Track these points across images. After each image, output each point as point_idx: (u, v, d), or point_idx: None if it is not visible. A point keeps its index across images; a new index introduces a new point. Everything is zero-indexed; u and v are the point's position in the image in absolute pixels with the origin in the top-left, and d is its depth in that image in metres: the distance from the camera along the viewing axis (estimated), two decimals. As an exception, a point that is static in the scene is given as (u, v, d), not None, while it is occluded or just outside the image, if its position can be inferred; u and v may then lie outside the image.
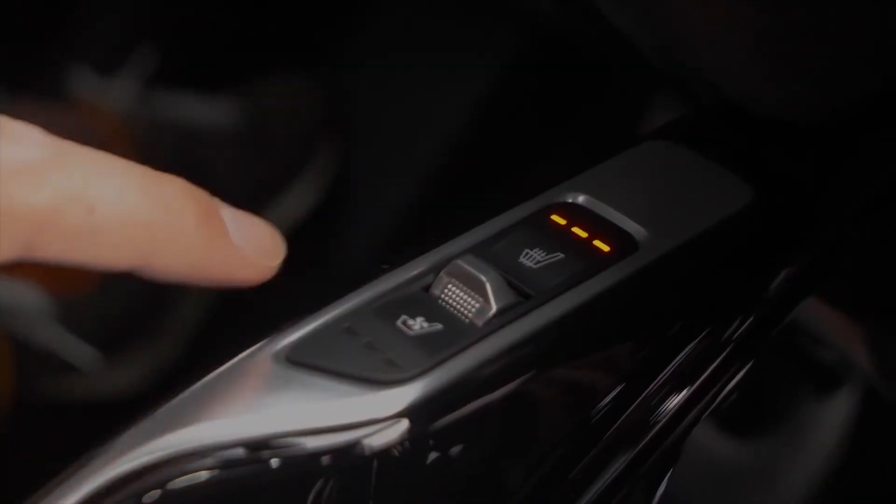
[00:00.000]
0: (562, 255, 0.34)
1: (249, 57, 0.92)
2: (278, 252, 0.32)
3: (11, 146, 0.26)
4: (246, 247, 0.31)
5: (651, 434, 0.35)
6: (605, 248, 0.35)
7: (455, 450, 0.32)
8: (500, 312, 0.32)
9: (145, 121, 0.84)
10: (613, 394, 0.35)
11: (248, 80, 0.90)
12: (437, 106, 0.87)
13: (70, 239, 0.27)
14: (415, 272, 0.34)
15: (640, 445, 0.35)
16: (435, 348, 0.32)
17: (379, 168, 0.89)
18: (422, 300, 0.33)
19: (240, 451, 0.30)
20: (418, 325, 0.32)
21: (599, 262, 0.34)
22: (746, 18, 0.36)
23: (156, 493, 0.30)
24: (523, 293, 0.33)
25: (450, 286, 0.33)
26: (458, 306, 0.33)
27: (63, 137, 0.29)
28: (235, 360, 0.32)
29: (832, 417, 0.36)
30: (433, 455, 0.31)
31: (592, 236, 0.35)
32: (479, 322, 0.32)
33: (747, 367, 0.36)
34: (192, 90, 0.87)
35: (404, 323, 0.32)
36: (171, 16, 0.91)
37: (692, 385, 0.35)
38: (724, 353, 0.36)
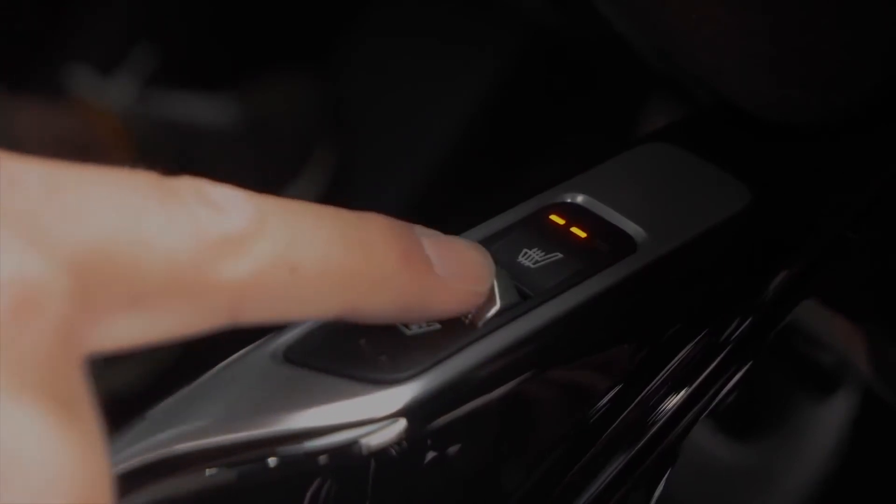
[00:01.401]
0: (560, 256, 0.34)
1: (249, 56, 0.92)
2: (486, 275, 0.31)
3: (215, 216, 0.25)
4: (451, 276, 0.30)
5: (649, 435, 0.35)
6: (604, 249, 0.35)
7: (452, 450, 0.32)
8: (498, 312, 0.32)
9: (145, 120, 0.84)
10: (611, 394, 0.35)
11: (247, 79, 0.90)
12: (436, 106, 0.87)
13: (274, 302, 0.26)
14: (413, 272, 0.34)
15: (638, 446, 0.35)
16: (433, 348, 0.32)
17: (378, 167, 0.89)
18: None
19: (237, 451, 0.30)
20: (416, 324, 0.32)
21: (598, 263, 0.34)
22: (745, 21, 0.36)
23: (153, 493, 0.30)
24: (522, 293, 0.33)
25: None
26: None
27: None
28: (233, 358, 0.32)
29: (830, 419, 0.36)
30: (431, 455, 0.31)
31: (591, 237, 0.35)
32: (478, 322, 0.32)
33: (745, 368, 0.36)
34: (192, 89, 0.87)
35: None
36: (170, 15, 0.91)
37: (690, 386, 0.35)
38: (723, 354, 0.36)
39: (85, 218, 0.23)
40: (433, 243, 0.30)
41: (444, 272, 0.30)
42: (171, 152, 0.82)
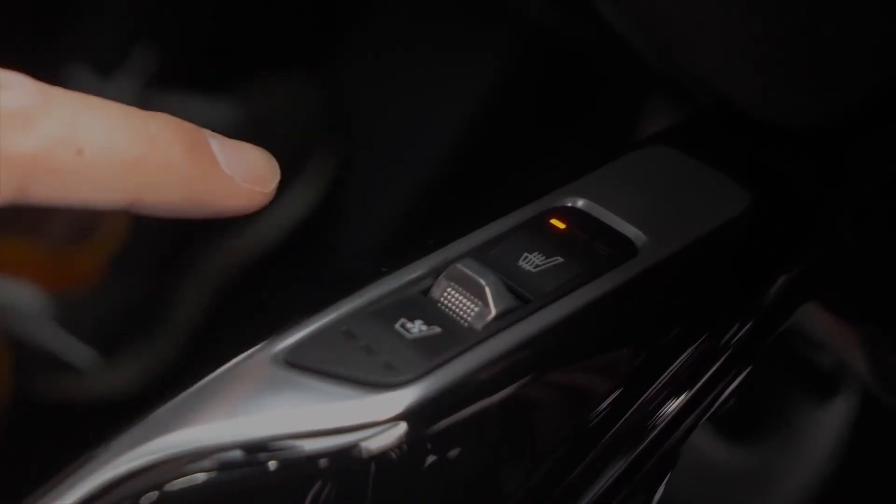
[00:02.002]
0: (561, 259, 0.34)
1: (248, 58, 0.92)
2: (272, 178, 0.32)
3: (1, 92, 0.26)
4: (237, 175, 0.31)
5: (649, 438, 0.35)
6: (604, 253, 0.35)
7: (453, 453, 0.32)
8: (498, 316, 0.32)
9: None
10: (612, 398, 0.35)
11: (247, 81, 0.90)
12: (437, 108, 0.87)
13: (61, 180, 0.27)
14: (414, 275, 0.34)
15: (639, 449, 0.35)
16: (433, 351, 0.32)
17: (378, 170, 0.89)
18: (421, 303, 0.33)
19: (237, 454, 0.30)
20: (417, 328, 0.32)
21: (598, 267, 0.34)
22: (744, 23, 0.36)
23: (153, 495, 0.30)
24: (522, 297, 0.33)
25: (449, 290, 0.33)
26: (457, 310, 0.33)
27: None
28: (234, 361, 0.32)
29: (829, 422, 0.36)
30: (431, 458, 0.31)
31: (591, 240, 0.35)
32: (478, 325, 0.32)
33: (745, 371, 0.36)
34: (191, 92, 0.87)
35: (403, 326, 0.32)
36: (169, 17, 0.91)
37: (690, 389, 0.35)
38: (722, 358, 0.36)
39: None
40: (219, 142, 0.31)
41: (231, 170, 0.31)
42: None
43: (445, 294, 0.33)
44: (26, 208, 0.29)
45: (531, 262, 0.34)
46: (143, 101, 0.84)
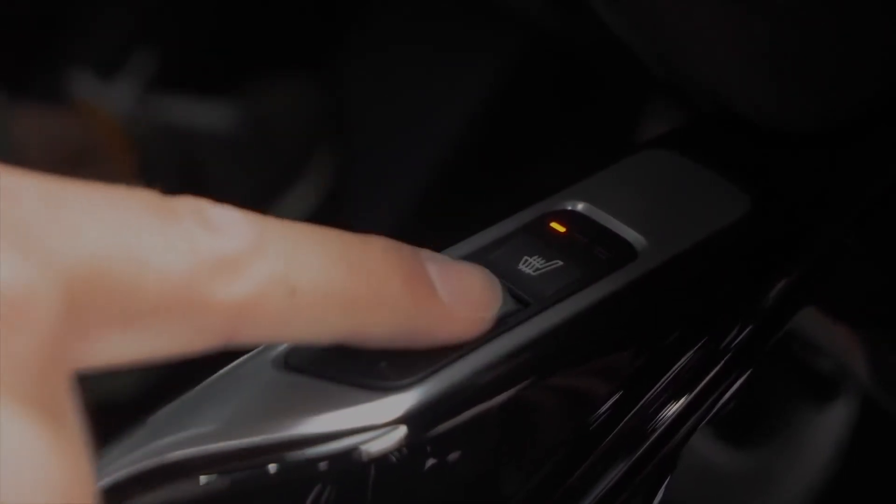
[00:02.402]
0: (560, 263, 0.34)
1: (249, 61, 0.92)
2: (492, 301, 0.31)
3: (213, 237, 0.25)
4: (456, 302, 0.29)
5: (649, 441, 0.35)
6: (604, 256, 0.35)
7: (453, 456, 0.32)
8: (498, 319, 0.32)
9: (145, 124, 0.84)
10: (611, 401, 0.35)
11: (248, 82, 0.90)
12: (437, 110, 0.87)
13: (272, 324, 0.26)
14: (413, 279, 0.34)
15: (638, 453, 0.35)
16: (433, 355, 0.32)
17: (378, 172, 0.89)
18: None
19: (237, 457, 0.30)
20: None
21: (598, 270, 0.34)
22: (744, 28, 0.36)
23: (153, 499, 0.30)
24: (522, 300, 0.33)
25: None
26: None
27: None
28: (234, 365, 0.32)
29: (830, 426, 0.36)
30: (430, 462, 0.31)
31: (591, 244, 0.35)
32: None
33: (745, 375, 0.36)
34: (193, 94, 0.87)
35: (403, 329, 0.32)
36: (171, 20, 0.91)
37: (690, 393, 0.35)
38: (722, 362, 0.36)
39: (81, 234, 0.23)
40: (438, 268, 0.29)
41: (449, 298, 0.29)
42: (171, 156, 0.83)
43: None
44: None
45: (531, 265, 0.34)
46: (145, 104, 0.84)
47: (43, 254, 0.22)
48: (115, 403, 0.79)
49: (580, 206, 0.37)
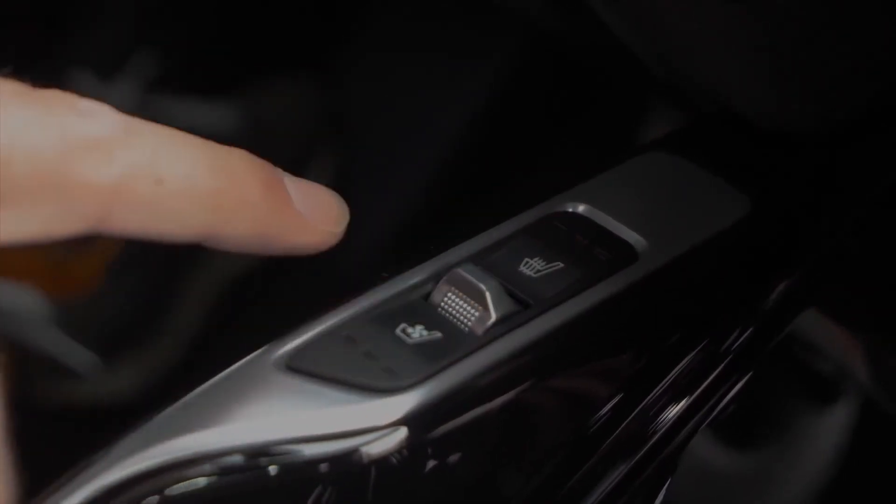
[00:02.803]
0: (561, 265, 0.34)
1: (249, 63, 0.92)
2: (341, 218, 0.33)
3: (82, 122, 0.26)
4: (309, 214, 0.31)
5: (649, 444, 0.35)
6: (605, 258, 0.35)
7: (453, 458, 0.32)
8: (499, 321, 0.32)
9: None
10: (612, 403, 0.35)
11: (248, 85, 0.90)
12: (437, 112, 0.87)
13: (139, 211, 0.27)
14: (414, 280, 0.34)
15: (639, 455, 0.35)
16: (434, 356, 0.32)
17: (379, 174, 0.89)
18: (421, 308, 0.33)
19: (238, 458, 0.30)
20: (417, 333, 0.32)
21: (598, 272, 0.34)
22: (745, 31, 0.36)
23: (154, 500, 0.30)
24: (523, 302, 0.33)
25: (449, 295, 0.33)
26: (458, 315, 0.33)
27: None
28: (235, 366, 0.32)
29: (830, 429, 0.36)
30: (431, 463, 0.31)
31: (592, 246, 0.35)
32: (479, 331, 0.32)
33: (745, 378, 0.36)
34: (193, 94, 0.87)
35: (403, 331, 0.32)
36: (171, 21, 0.91)
37: (690, 395, 0.35)
38: (723, 364, 0.36)
39: None
40: (293, 182, 0.31)
41: (304, 209, 0.31)
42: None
43: (446, 299, 0.33)
44: None
45: (532, 267, 0.34)
46: (145, 106, 0.84)
47: None
48: (116, 404, 0.79)
49: (581, 208, 0.37)
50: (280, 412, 0.30)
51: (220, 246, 0.30)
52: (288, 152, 0.89)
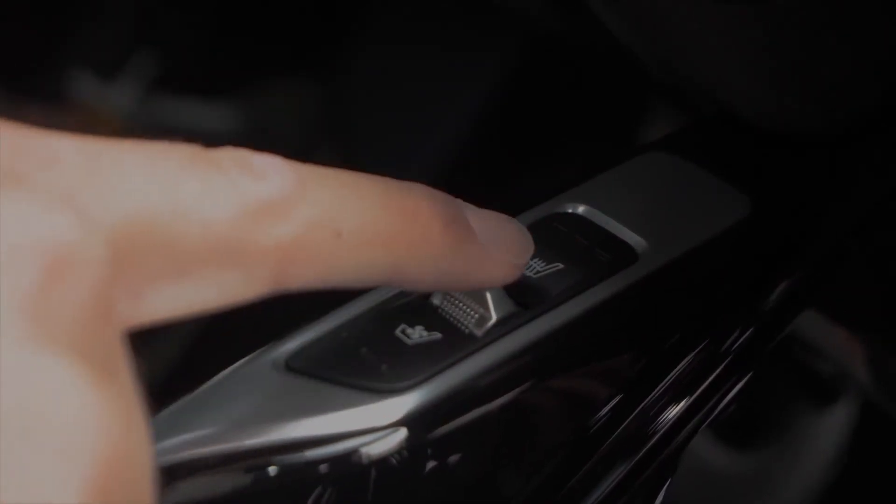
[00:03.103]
0: (561, 266, 0.34)
1: (251, 62, 0.92)
2: (526, 249, 0.32)
3: (257, 184, 0.25)
4: (493, 247, 0.30)
5: (649, 444, 0.35)
6: (605, 259, 0.35)
7: (453, 459, 0.32)
8: (499, 322, 0.32)
9: (147, 126, 0.84)
10: (612, 404, 0.35)
11: (249, 85, 0.90)
12: (437, 113, 0.87)
13: (319, 266, 0.26)
14: (414, 281, 0.34)
15: (639, 456, 0.35)
16: (434, 357, 0.32)
17: (378, 174, 0.89)
18: (421, 309, 0.33)
19: (238, 459, 0.30)
20: (417, 333, 0.32)
21: (599, 273, 0.34)
22: (745, 33, 0.36)
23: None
24: (522, 303, 0.33)
25: (450, 296, 0.33)
26: (458, 316, 0.33)
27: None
28: (235, 366, 0.32)
29: (830, 429, 0.36)
30: (431, 464, 0.31)
31: (592, 247, 0.35)
32: (479, 332, 0.32)
33: (746, 378, 0.36)
34: (194, 95, 0.87)
35: (403, 332, 0.32)
36: (172, 21, 0.91)
37: (690, 396, 0.35)
38: (723, 365, 0.36)
39: (124, 190, 0.23)
40: (475, 214, 0.30)
41: (487, 242, 0.30)
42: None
43: (446, 300, 0.33)
44: None
45: (531, 267, 0.34)
46: (146, 106, 0.84)
47: (86, 210, 0.22)
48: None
49: (581, 209, 0.37)
50: (280, 413, 0.30)
51: (405, 286, 0.30)
52: (290, 152, 0.88)
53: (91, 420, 0.20)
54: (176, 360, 0.81)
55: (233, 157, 0.25)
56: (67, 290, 0.21)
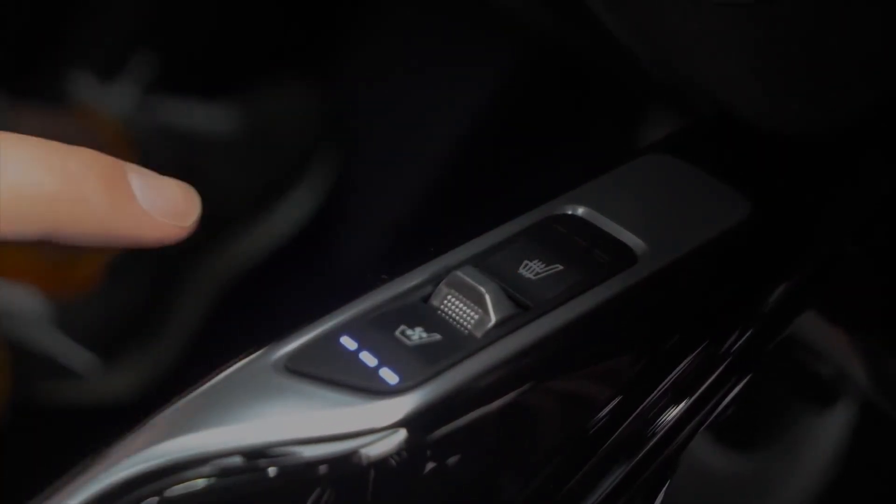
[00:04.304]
0: (561, 267, 0.34)
1: (250, 63, 0.92)
2: (191, 212, 0.33)
3: None
4: (155, 209, 0.32)
5: (648, 446, 0.35)
6: (604, 261, 0.35)
7: (452, 460, 0.32)
8: (498, 323, 0.32)
9: (145, 127, 0.84)
10: (611, 405, 0.35)
11: (248, 86, 0.90)
12: (437, 114, 0.87)
13: None
14: (414, 282, 0.34)
15: (638, 457, 0.35)
16: (433, 358, 0.32)
17: (379, 176, 0.89)
18: (421, 310, 0.33)
19: (237, 460, 0.30)
20: (417, 335, 0.32)
21: (598, 275, 0.34)
22: (745, 34, 0.36)
23: (153, 501, 0.30)
24: (522, 304, 0.33)
25: (449, 297, 0.33)
26: (457, 317, 0.33)
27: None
28: (233, 367, 0.32)
29: (829, 431, 0.36)
30: (430, 465, 0.31)
31: (591, 248, 0.35)
32: (478, 333, 0.32)
33: (745, 380, 0.36)
34: (193, 96, 0.87)
35: (403, 333, 0.32)
36: (171, 22, 0.91)
37: (690, 397, 0.35)
38: (722, 366, 0.36)
39: None
40: (139, 177, 0.32)
41: (147, 203, 0.32)
42: (171, 159, 0.83)
43: (445, 301, 0.33)
44: None
45: (531, 269, 0.34)
46: (145, 107, 0.84)
47: None
48: (115, 405, 0.79)
49: (580, 211, 0.37)
50: (279, 414, 0.30)
51: (65, 243, 0.31)
52: (288, 153, 0.89)
53: None
54: (175, 361, 0.81)
55: None
56: None
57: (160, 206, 0.32)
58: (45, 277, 0.78)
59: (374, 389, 0.31)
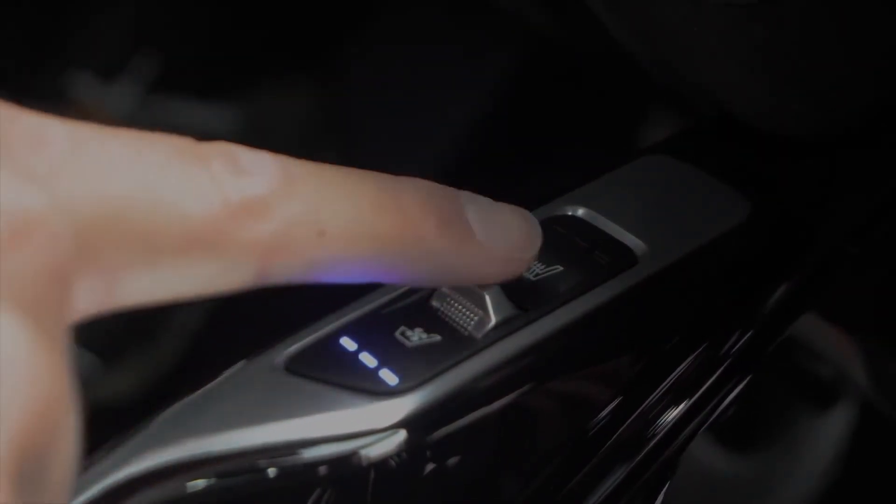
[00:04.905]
0: (561, 268, 0.34)
1: (251, 63, 0.92)
2: (532, 243, 0.31)
3: (240, 182, 0.25)
4: (494, 243, 0.30)
5: (648, 447, 0.35)
6: (604, 262, 0.35)
7: (452, 461, 0.32)
8: (498, 325, 0.32)
9: (147, 126, 0.84)
10: (611, 407, 0.35)
11: (249, 86, 0.90)
12: (438, 115, 0.87)
13: (302, 262, 0.27)
14: (414, 283, 0.34)
15: (638, 458, 0.35)
16: (433, 359, 0.32)
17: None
18: (421, 311, 0.33)
19: (238, 461, 0.30)
20: (417, 336, 0.32)
21: (598, 276, 0.34)
22: (744, 35, 0.36)
23: (153, 502, 0.30)
24: (522, 306, 0.33)
25: (449, 298, 0.33)
26: (457, 318, 0.33)
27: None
28: (234, 369, 0.32)
29: (829, 432, 0.36)
30: (430, 466, 0.31)
31: (591, 249, 0.35)
32: (478, 334, 0.32)
33: (745, 381, 0.36)
34: (194, 96, 0.87)
35: (403, 334, 0.32)
36: (172, 22, 0.91)
37: (690, 399, 0.35)
38: (722, 367, 0.36)
39: (102, 176, 0.23)
40: (476, 208, 0.30)
41: (486, 238, 0.30)
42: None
43: (445, 302, 0.33)
44: None
45: (531, 270, 0.34)
46: (146, 106, 0.84)
47: (60, 190, 0.23)
48: (116, 405, 0.79)
49: (580, 212, 0.37)
50: (279, 415, 0.30)
51: (399, 283, 0.29)
52: (290, 152, 0.89)
53: (23, 370, 0.20)
54: (176, 362, 0.81)
55: (220, 153, 0.25)
56: (24, 256, 0.21)
57: (499, 239, 0.30)
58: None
59: (374, 390, 0.31)
